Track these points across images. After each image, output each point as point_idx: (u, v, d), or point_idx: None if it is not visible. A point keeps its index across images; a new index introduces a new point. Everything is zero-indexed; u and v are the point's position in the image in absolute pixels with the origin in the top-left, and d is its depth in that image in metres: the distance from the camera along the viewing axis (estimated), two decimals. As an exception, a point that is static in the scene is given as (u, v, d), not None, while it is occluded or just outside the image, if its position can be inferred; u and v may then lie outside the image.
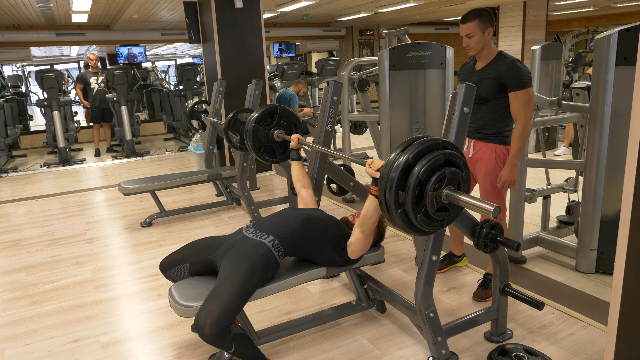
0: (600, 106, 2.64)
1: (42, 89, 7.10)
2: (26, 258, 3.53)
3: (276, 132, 2.83)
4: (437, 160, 1.50)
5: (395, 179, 1.49)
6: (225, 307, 1.81)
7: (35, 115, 12.35)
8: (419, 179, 1.48)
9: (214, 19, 5.30)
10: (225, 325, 1.79)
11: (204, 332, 1.77)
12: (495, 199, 2.49)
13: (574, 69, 9.63)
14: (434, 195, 1.51)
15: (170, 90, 9.58)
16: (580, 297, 2.58)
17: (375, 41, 12.23)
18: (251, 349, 1.95)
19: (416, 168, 1.50)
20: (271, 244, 2.07)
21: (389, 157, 1.57)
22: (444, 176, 1.52)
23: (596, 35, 3.14)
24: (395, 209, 1.52)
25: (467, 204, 1.50)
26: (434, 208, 1.52)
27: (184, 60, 19.19)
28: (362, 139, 7.49)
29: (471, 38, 2.32)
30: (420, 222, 1.53)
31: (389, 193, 1.51)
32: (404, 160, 1.50)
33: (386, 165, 1.56)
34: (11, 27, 8.22)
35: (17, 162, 7.51)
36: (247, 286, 1.91)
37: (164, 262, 2.25)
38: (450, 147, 1.58)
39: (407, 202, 1.50)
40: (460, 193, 1.52)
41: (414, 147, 1.53)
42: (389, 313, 2.50)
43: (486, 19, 2.30)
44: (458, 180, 1.56)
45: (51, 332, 2.49)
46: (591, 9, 10.47)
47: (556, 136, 6.74)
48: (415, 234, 1.63)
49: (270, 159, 2.89)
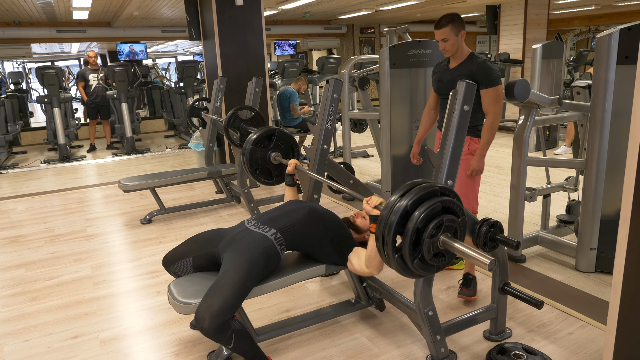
0: (600, 105, 2.63)
1: (42, 86, 7.09)
2: (26, 254, 3.53)
3: (273, 154, 2.80)
4: (435, 207, 1.53)
5: (394, 224, 1.52)
6: (225, 302, 1.81)
7: (35, 112, 12.35)
8: (416, 225, 1.51)
9: (214, 16, 5.29)
10: (225, 319, 1.79)
11: (204, 325, 1.77)
12: (469, 189, 2.53)
13: (575, 68, 9.61)
14: (431, 242, 1.54)
15: (170, 87, 9.58)
16: (579, 297, 2.58)
17: (376, 39, 12.21)
18: (251, 345, 1.95)
19: (415, 213, 1.53)
20: (273, 237, 2.07)
21: (389, 200, 1.59)
22: (442, 224, 1.54)
23: (597, 34, 3.12)
24: (392, 252, 1.55)
25: (462, 253, 1.52)
26: (430, 254, 1.55)
27: (185, 57, 19.19)
28: (363, 137, 7.49)
29: (446, 42, 2.46)
30: (416, 267, 1.56)
31: (387, 236, 1.54)
32: (403, 205, 1.53)
33: (386, 207, 1.58)
34: (12, 23, 8.21)
35: (17, 158, 7.52)
36: (247, 280, 1.92)
37: (167, 257, 2.25)
38: (448, 194, 1.60)
39: (404, 246, 1.53)
40: (456, 241, 1.54)
41: (413, 192, 1.55)
42: (388, 311, 2.50)
43: (458, 23, 2.46)
44: (455, 227, 1.58)
45: (50, 328, 2.49)
46: (592, 8, 10.45)
47: (557, 135, 6.73)
48: (409, 276, 1.65)
49: (266, 180, 2.86)
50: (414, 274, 1.62)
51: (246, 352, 1.95)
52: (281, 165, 2.85)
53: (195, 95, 8.29)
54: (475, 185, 2.56)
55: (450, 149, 1.90)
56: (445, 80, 2.56)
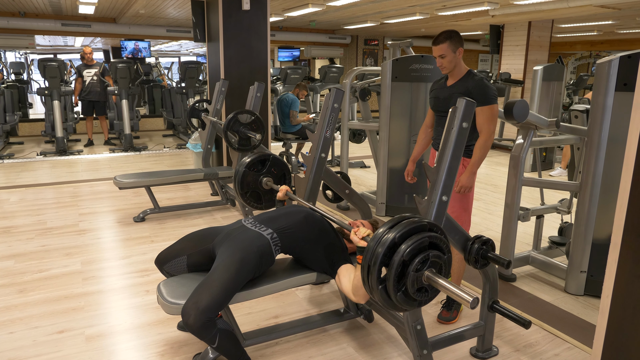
0: (597, 130, 2.66)
1: (43, 78, 7.08)
2: (16, 246, 3.51)
3: (265, 179, 2.78)
4: (422, 242, 1.55)
5: (381, 255, 1.53)
6: (212, 299, 1.81)
7: (35, 104, 12.32)
8: (402, 258, 1.53)
9: (220, 19, 5.32)
10: (210, 317, 1.79)
11: (189, 321, 1.77)
12: (462, 208, 2.53)
13: (574, 91, 9.71)
14: (416, 275, 1.55)
15: (172, 87, 9.59)
16: (567, 319, 2.59)
17: (380, 51, 12.30)
18: (235, 347, 1.94)
19: (402, 247, 1.54)
20: (270, 236, 2.07)
21: (377, 231, 1.60)
22: (427, 259, 1.55)
23: (598, 59, 3.15)
24: (377, 283, 1.56)
25: (445, 290, 1.54)
26: (414, 288, 1.56)
27: (188, 58, 19.22)
28: (361, 148, 7.51)
29: (444, 58, 2.46)
30: (399, 300, 1.57)
31: (373, 267, 1.55)
32: (391, 237, 1.54)
33: (373, 239, 1.59)
34: (17, 14, 8.21)
35: (13, 149, 7.48)
36: (236, 279, 1.91)
37: (160, 256, 2.23)
38: (435, 230, 1.62)
39: (389, 277, 1.54)
40: (440, 277, 1.55)
41: (401, 226, 1.57)
42: (376, 323, 2.50)
43: (456, 40, 2.46)
44: (440, 264, 1.60)
45: (36, 321, 2.47)
46: (595, 34, 10.58)
47: (553, 157, 6.78)
48: (391, 309, 1.66)
49: (256, 204, 2.83)
50: (397, 307, 1.62)
51: (230, 353, 1.94)
52: (272, 191, 2.81)
53: (197, 96, 8.30)
54: (469, 204, 2.55)
55: (446, 165, 1.91)
56: (442, 98, 2.58)
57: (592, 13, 7.24)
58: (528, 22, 7.95)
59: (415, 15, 7.77)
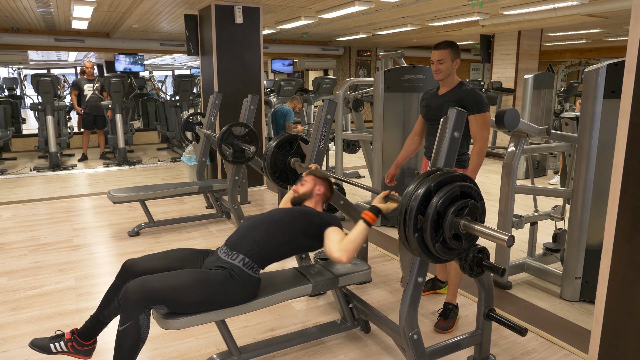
0: (587, 137, 2.70)
1: (37, 93, 7.08)
2: (9, 262, 3.48)
3: (293, 159, 2.90)
4: (454, 192, 1.67)
5: (417, 205, 1.65)
6: (160, 289, 1.83)
7: (28, 119, 12.28)
8: (436, 209, 1.64)
9: (213, 32, 5.36)
10: (142, 304, 1.80)
11: (128, 289, 1.82)
12: None
13: (565, 99, 9.82)
14: (453, 221, 1.64)
15: (166, 100, 9.60)
16: (563, 325, 2.59)
17: (372, 62, 12.40)
18: (130, 349, 1.83)
19: (435, 198, 1.66)
20: (241, 263, 2.03)
21: (409, 187, 1.70)
22: (466, 206, 1.66)
23: (588, 67, 3.18)
24: (413, 232, 1.66)
25: (483, 234, 1.63)
26: (450, 233, 1.65)
27: (182, 71, 19.28)
28: (355, 158, 7.53)
29: (442, 64, 2.51)
30: (439, 250, 1.68)
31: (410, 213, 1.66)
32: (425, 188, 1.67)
33: (406, 195, 1.69)
34: (10, 29, 8.23)
35: (6, 164, 7.44)
36: (198, 287, 1.88)
37: (132, 265, 2.07)
38: (468, 180, 1.73)
39: (425, 227, 1.65)
40: (476, 223, 1.66)
41: (436, 176, 1.70)
42: (373, 334, 2.49)
43: (457, 50, 2.53)
44: (477, 214, 1.71)
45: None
46: (584, 42, 10.74)
47: (546, 164, 6.83)
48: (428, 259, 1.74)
49: (284, 184, 3.01)
50: (434, 257, 1.71)
51: (123, 348, 1.83)
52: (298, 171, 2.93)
53: (190, 109, 8.32)
54: None
55: (439, 174, 1.92)
56: (433, 106, 2.61)
57: (580, 22, 7.36)
58: (518, 31, 8.06)
59: (406, 26, 7.86)
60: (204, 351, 2.35)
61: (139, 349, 1.85)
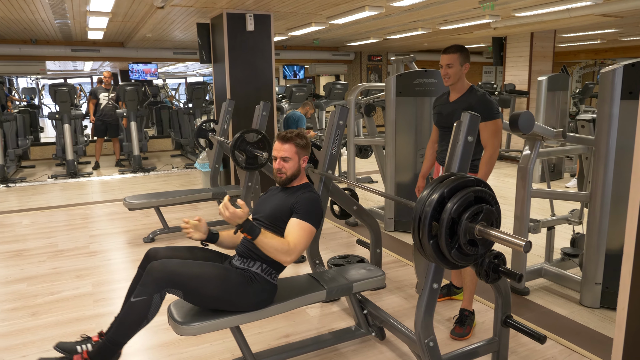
0: (605, 139, 2.65)
1: (54, 102, 7.22)
2: (28, 269, 3.54)
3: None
4: (468, 197, 1.64)
5: (431, 212, 1.62)
6: (179, 273, 1.85)
7: (46, 127, 12.52)
8: (451, 214, 1.60)
9: (225, 40, 5.41)
10: (162, 284, 1.83)
11: (152, 265, 1.86)
12: None
13: (580, 100, 9.68)
14: (468, 226, 1.61)
15: (179, 107, 9.71)
16: (584, 332, 2.54)
17: (383, 67, 12.38)
18: (133, 324, 1.87)
19: (449, 204, 1.62)
20: (259, 269, 2.03)
21: (423, 193, 1.68)
22: (480, 211, 1.63)
23: (603, 67, 3.14)
24: (427, 239, 1.63)
25: (499, 239, 1.59)
26: (465, 239, 1.62)
27: (195, 78, 19.49)
28: (367, 163, 7.51)
29: (451, 68, 2.50)
30: (455, 257, 1.65)
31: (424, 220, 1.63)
32: (439, 194, 1.64)
33: (419, 201, 1.66)
34: (29, 41, 8.42)
35: (25, 172, 7.59)
36: (215, 281, 1.90)
37: (155, 254, 2.09)
38: (482, 185, 1.70)
39: (440, 234, 1.61)
40: (492, 229, 1.62)
41: (449, 182, 1.67)
42: (388, 340, 2.47)
43: (466, 54, 2.51)
44: (492, 219, 1.67)
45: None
46: (598, 42, 10.59)
47: (562, 167, 6.73)
48: (444, 265, 1.71)
49: None
50: (449, 262, 1.68)
51: (127, 319, 1.88)
52: None
53: (203, 116, 8.40)
54: None
55: (454, 179, 1.91)
56: (445, 113, 2.59)
57: (595, 22, 7.26)
58: (530, 33, 7.98)
59: (417, 30, 7.84)
60: (219, 357, 2.35)
61: (142, 326, 1.88)
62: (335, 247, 3.97)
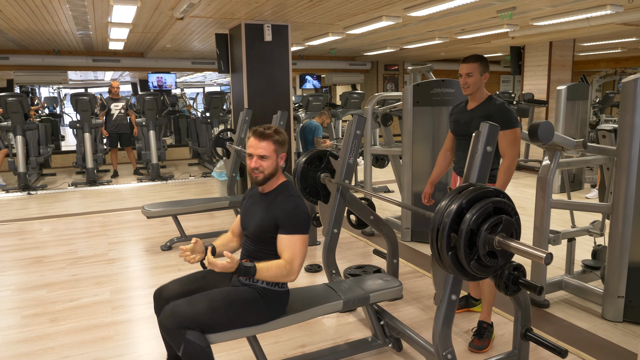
0: (627, 149, 2.60)
1: (75, 111, 7.39)
2: (48, 275, 3.60)
3: (323, 175, 2.87)
4: (487, 208, 1.62)
5: (449, 223, 1.60)
6: (186, 316, 1.85)
7: (67, 136, 12.81)
8: (469, 226, 1.59)
9: (243, 50, 5.48)
10: (182, 326, 1.82)
11: (161, 322, 1.88)
12: None
13: (601, 110, 9.53)
14: (487, 237, 1.59)
15: (197, 117, 9.84)
16: (607, 347, 2.47)
17: (400, 76, 12.38)
18: None
19: (467, 215, 1.61)
20: (264, 283, 2.00)
21: (441, 204, 1.66)
22: (500, 222, 1.61)
23: (624, 76, 3.10)
24: (446, 250, 1.61)
25: (518, 251, 1.57)
26: (485, 250, 1.60)
27: (212, 88, 19.75)
28: (384, 172, 7.49)
29: (470, 77, 2.50)
30: (474, 268, 1.63)
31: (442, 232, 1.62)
32: (457, 205, 1.62)
33: (437, 212, 1.65)
34: (52, 52, 8.65)
35: (46, 180, 7.76)
36: (225, 308, 1.90)
37: (161, 292, 2.09)
38: (501, 195, 1.68)
39: (459, 245, 1.60)
40: (511, 240, 1.60)
41: (468, 192, 1.66)
42: (405, 352, 2.44)
43: (486, 64, 2.51)
44: (512, 230, 1.65)
45: (67, 351, 2.51)
46: (619, 51, 10.42)
47: (582, 177, 6.61)
48: (462, 277, 1.69)
49: (314, 199, 2.90)
50: (469, 274, 1.66)
51: None
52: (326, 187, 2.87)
53: (221, 125, 8.49)
54: None
55: (472, 189, 1.89)
56: (462, 122, 2.58)
57: (615, 31, 7.16)
58: (549, 42, 7.90)
59: (434, 39, 7.83)
60: (235, 366, 2.35)
61: (211, 355, 1.88)
62: (352, 257, 3.95)
